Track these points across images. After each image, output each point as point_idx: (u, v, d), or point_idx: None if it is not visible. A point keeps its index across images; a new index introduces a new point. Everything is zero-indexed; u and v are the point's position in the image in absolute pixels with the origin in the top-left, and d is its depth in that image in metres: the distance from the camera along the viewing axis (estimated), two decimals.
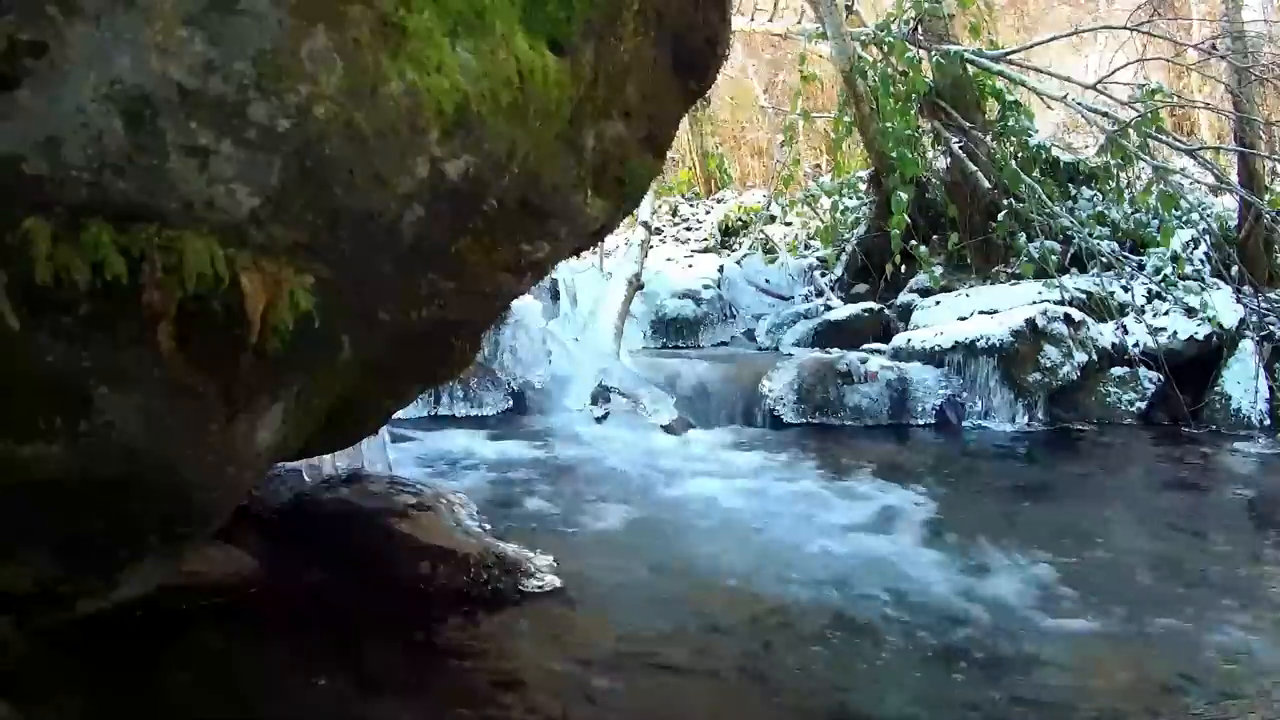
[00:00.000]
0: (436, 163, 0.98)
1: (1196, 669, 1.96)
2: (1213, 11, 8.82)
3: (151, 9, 0.75)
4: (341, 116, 0.86)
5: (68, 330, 0.83)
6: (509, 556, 2.28)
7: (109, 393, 0.91)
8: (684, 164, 12.91)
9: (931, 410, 4.92)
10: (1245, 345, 5.25)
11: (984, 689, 1.84)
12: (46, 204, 0.77)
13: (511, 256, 1.55)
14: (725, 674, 1.88)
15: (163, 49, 0.76)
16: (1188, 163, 6.83)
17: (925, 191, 6.78)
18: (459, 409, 4.55)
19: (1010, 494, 3.49)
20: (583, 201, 1.60)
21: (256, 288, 0.88)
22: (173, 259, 0.82)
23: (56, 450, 0.92)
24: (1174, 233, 5.92)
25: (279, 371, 1.07)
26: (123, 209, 0.80)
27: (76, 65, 0.74)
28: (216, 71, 0.79)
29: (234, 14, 0.79)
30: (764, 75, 12.82)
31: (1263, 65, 6.95)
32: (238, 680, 1.74)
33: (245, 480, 1.26)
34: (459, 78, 0.97)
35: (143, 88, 0.77)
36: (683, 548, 2.66)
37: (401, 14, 0.89)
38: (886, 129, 6.36)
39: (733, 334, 7.17)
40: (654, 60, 1.67)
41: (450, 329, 1.62)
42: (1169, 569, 2.61)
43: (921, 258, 6.43)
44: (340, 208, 0.92)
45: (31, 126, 0.74)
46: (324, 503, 2.49)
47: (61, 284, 0.78)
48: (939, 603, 2.28)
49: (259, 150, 0.83)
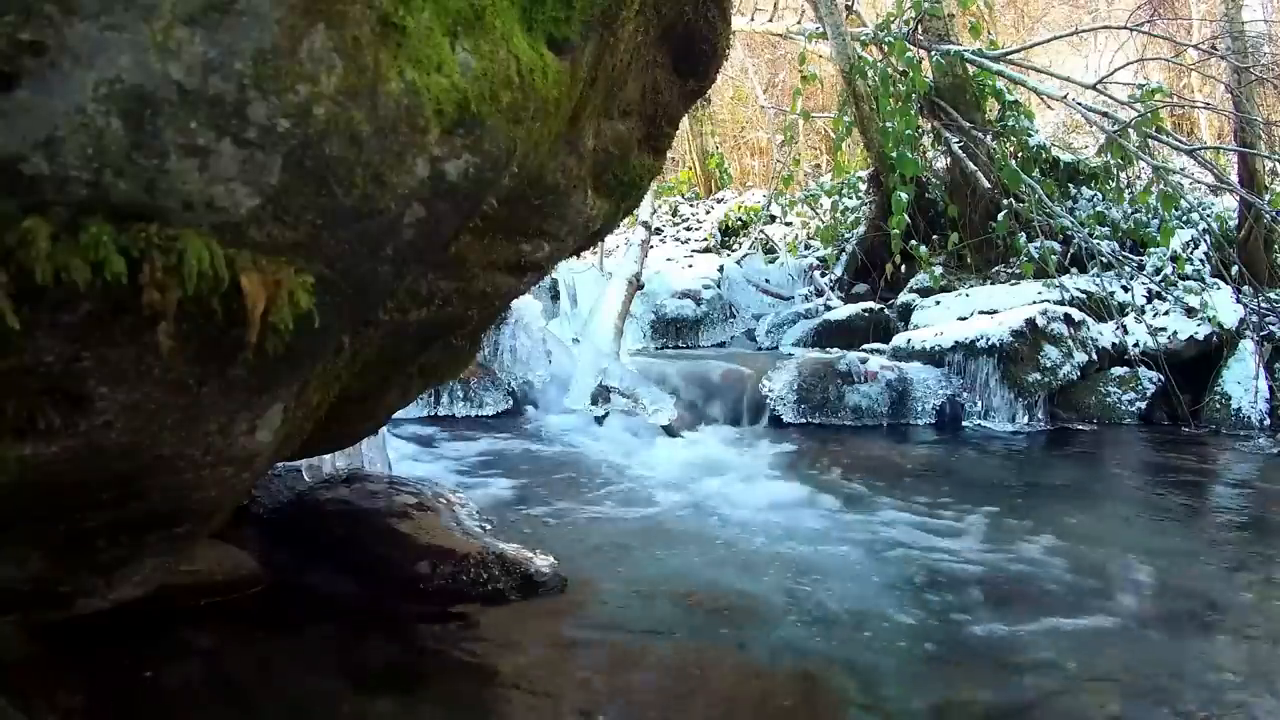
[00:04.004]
0: (436, 162, 0.98)
1: (1196, 669, 1.96)
2: (1213, 11, 8.82)
3: (151, 8, 0.75)
4: (341, 116, 0.86)
5: (67, 329, 0.83)
6: (509, 556, 2.28)
7: (108, 392, 0.91)
8: (684, 164, 12.92)
9: (931, 410, 4.92)
10: (1245, 345, 5.26)
11: (983, 688, 1.84)
12: (46, 204, 0.76)
13: (511, 256, 1.55)
14: (726, 674, 1.87)
15: (162, 48, 0.76)
16: (1188, 163, 6.84)
17: (925, 191, 6.79)
18: (459, 409, 4.55)
19: (1010, 494, 3.49)
20: (583, 201, 1.60)
21: (256, 287, 0.88)
22: (173, 259, 0.82)
23: (55, 450, 0.92)
24: (1174, 233, 5.93)
25: (279, 371, 1.07)
26: (123, 209, 0.79)
27: (76, 64, 0.74)
28: (216, 71, 0.79)
29: (233, 14, 0.78)
30: (764, 75, 12.82)
31: (1263, 65, 6.95)
32: (237, 680, 1.74)
33: (245, 480, 1.26)
34: (459, 77, 0.97)
35: (142, 87, 0.76)
36: (683, 547, 2.66)
37: (401, 14, 0.89)
38: (886, 129, 6.37)
39: (733, 334, 7.18)
40: (654, 60, 1.67)
41: (450, 329, 1.62)
42: (1169, 569, 2.61)
43: (921, 258, 6.43)
44: (340, 207, 0.91)
45: (31, 126, 0.74)
46: (324, 503, 2.49)
47: (61, 283, 0.78)
48: (940, 602, 2.28)
49: (259, 150, 0.83)
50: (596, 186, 1.65)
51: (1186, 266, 5.96)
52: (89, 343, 0.86)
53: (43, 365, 0.85)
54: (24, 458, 0.91)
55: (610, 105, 1.59)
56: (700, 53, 1.75)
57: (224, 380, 1.00)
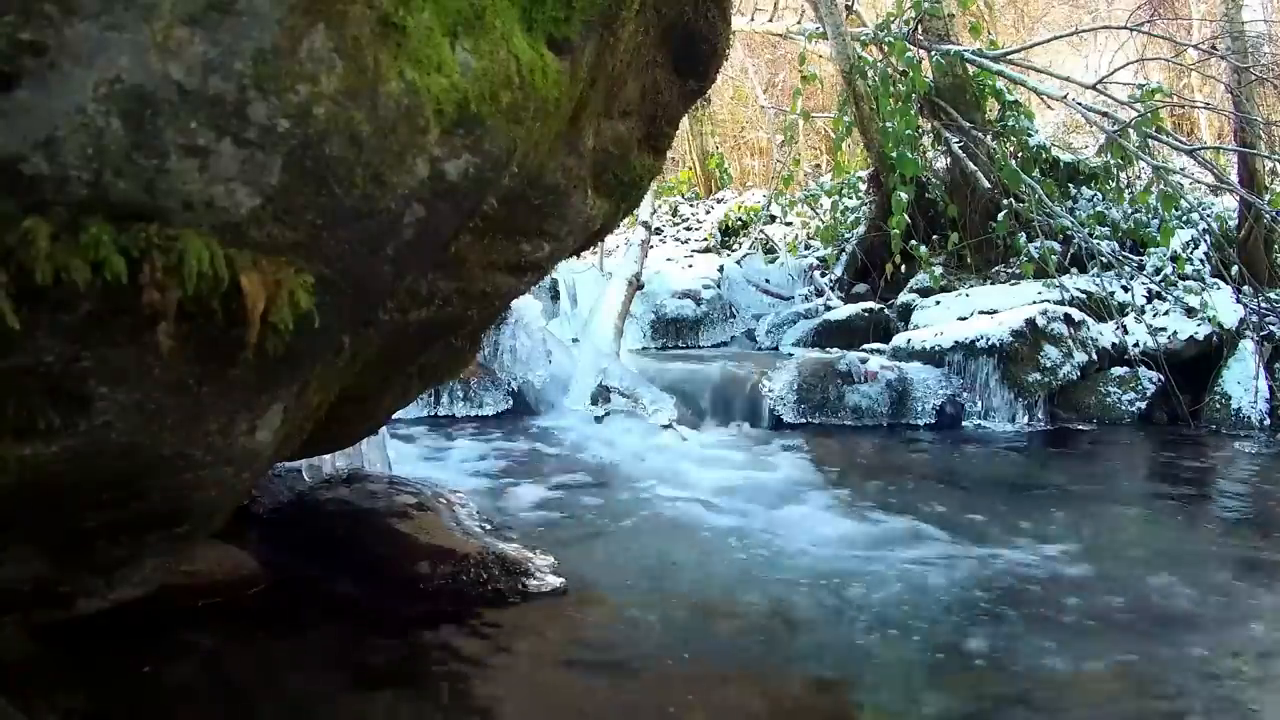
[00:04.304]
0: (436, 162, 0.98)
1: (1196, 668, 1.96)
2: (1213, 11, 8.82)
3: (151, 8, 0.75)
4: (341, 116, 0.86)
5: (67, 329, 0.83)
6: (509, 556, 2.28)
7: (108, 392, 0.91)
8: (684, 164, 12.92)
9: (931, 410, 4.92)
10: (1245, 345, 5.26)
11: (984, 688, 1.84)
12: (46, 204, 0.76)
13: (511, 256, 1.55)
14: (725, 674, 1.87)
15: (162, 48, 0.76)
16: (1188, 163, 6.84)
17: (925, 191, 6.79)
18: (459, 409, 4.55)
19: (1010, 494, 3.49)
20: (583, 201, 1.60)
21: (256, 287, 0.88)
22: (173, 259, 0.82)
23: (55, 450, 0.92)
24: (1174, 233, 5.93)
25: (279, 371, 1.07)
26: (122, 209, 0.79)
27: (76, 64, 0.74)
28: (216, 71, 0.79)
29: (233, 14, 0.78)
30: (764, 75, 12.82)
31: (1263, 65, 6.95)
32: (237, 680, 1.74)
33: (245, 480, 1.26)
34: (459, 77, 0.97)
35: (142, 87, 0.76)
36: (683, 547, 2.66)
37: (401, 14, 0.89)
38: (886, 129, 6.37)
39: (733, 334, 7.18)
40: (654, 60, 1.67)
41: (450, 329, 1.62)
42: (1169, 569, 2.61)
43: (921, 258, 6.43)
44: (340, 207, 0.92)
45: (31, 126, 0.74)
46: (324, 502, 2.49)
47: (61, 283, 0.78)
48: (940, 602, 2.28)
49: (259, 150, 0.83)
50: (596, 186, 1.65)
51: (1186, 266, 5.96)
52: (89, 343, 0.86)
53: (43, 365, 0.85)
54: (24, 458, 0.91)
55: (610, 105, 1.59)
56: (700, 53, 1.75)
57: (224, 380, 1.00)
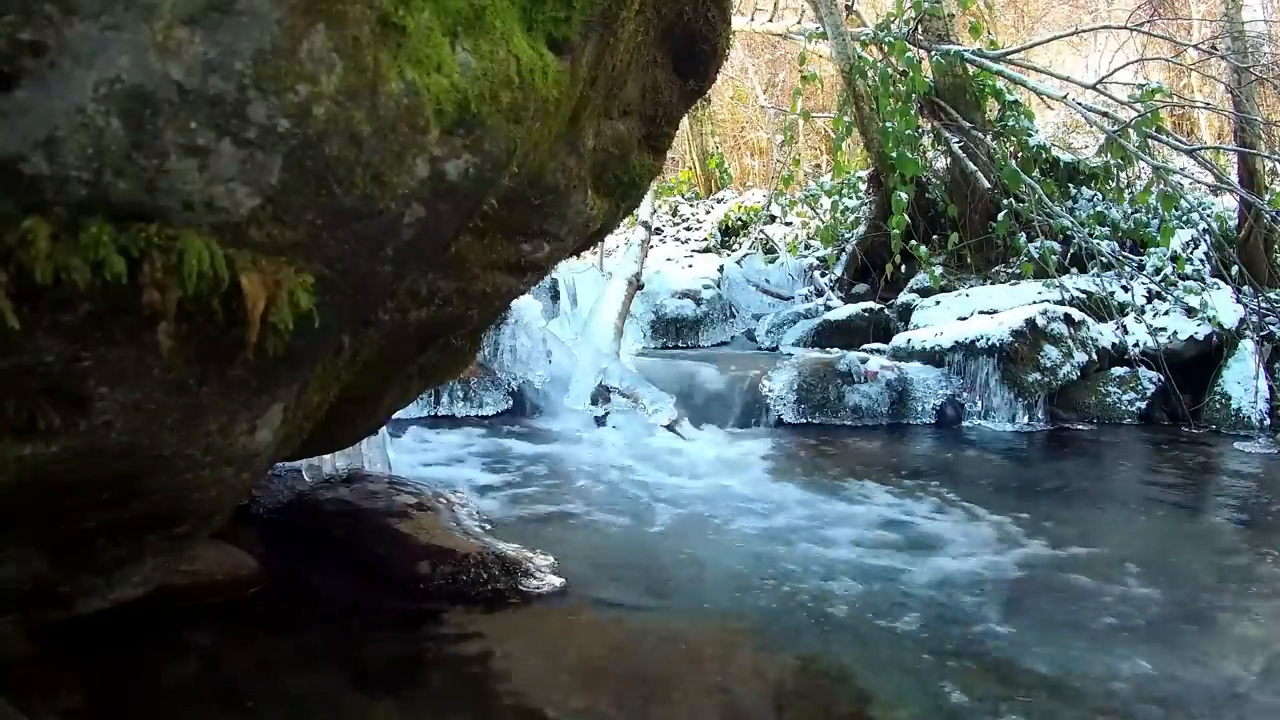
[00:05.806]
0: (436, 162, 0.98)
1: (1196, 668, 1.96)
2: (1213, 11, 8.83)
3: (151, 8, 0.75)
4: (341, 116, 0.86)
5: (67, 329, 0.83)
6: (509, 556, 2.28)
7: (108, 392, 0.91)
8: (684, 164, 12.92)
9: (931, 410, 4.92)
10: (1245, 345, 5.26)
11: (983, 687, 1.84)
12: (46, 204, 0.76)
13: (511, 256, 1.55)
14: (726, 674, 1.87)
15: (162, 48, 0.76)
16: (1188, 163, 6.84)
17: (925, 191, 6.79)
18: (459, 409, 4.55)
19: (1010, 494, 3.49)
20: (583, 201, 1.60)
21: (256, 287, 0.88)
22: (173, 259, 0.82)
23: (55, 450, 0.92)
24: (1174, 233, 5.93)
25: (279, 371, 1.07)
26: (122, 209, 0.79)
27: (76, 64, 0.74)
28: (216, 71, 0.79)
29: (233, 14, 0.78)
30: (764, 75, 12.82)
31: (1263, 65, 6.95)
32: (237, 680, 1.74)
33: (245, 480, 1.26)
34: (459, 77, 0.97)
35: (142, 87, 0.76)
36: (683, 548, 2.66)
37: (401, 14, 0.89)
38: (886, 129, 6.37)
39: (733, 334, 7.18)
40: (654, 60, 1.67)
41: (450, 329, 1.62)
42: (1169, 569, 2.61)
43: (921, 258, 6.43)
44: (340, 207, 0.91)
45: (31, 126, 0.74)
46: (324, 503, 2.49)
47: (61, 283, 0.78)
48: (940, 603, 2.28)
49: (259, 150, 0.83)
50: (596, 186, 1.65)
51: (1186, 266, 5.96)
52: (89, 343, 0.86)
53: (43, 365, 0.85)
54: (24, 458, 0.91)
55: (610, 105, 1.59)
56: (700, 53, 1.75)
57: (224, 380, 1.00)
